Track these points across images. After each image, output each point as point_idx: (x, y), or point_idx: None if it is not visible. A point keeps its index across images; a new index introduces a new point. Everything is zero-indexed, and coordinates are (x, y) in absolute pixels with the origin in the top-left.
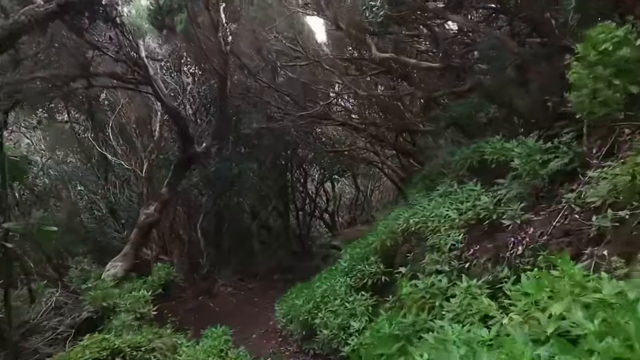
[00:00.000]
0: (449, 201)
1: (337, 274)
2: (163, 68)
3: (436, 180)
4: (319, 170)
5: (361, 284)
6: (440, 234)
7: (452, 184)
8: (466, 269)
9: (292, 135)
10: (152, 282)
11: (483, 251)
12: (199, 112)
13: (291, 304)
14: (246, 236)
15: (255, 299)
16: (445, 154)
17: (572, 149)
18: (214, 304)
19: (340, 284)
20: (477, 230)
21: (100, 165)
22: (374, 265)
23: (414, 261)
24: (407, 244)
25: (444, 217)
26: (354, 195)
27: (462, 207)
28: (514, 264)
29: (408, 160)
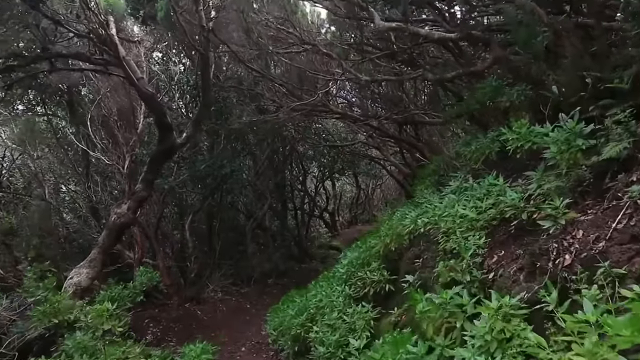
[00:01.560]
0: (464, 198)
1: (334, 282)
2: (148, 57)
3: (447, 175)
4: (318, 167)
5: (361, 293)
6: (456, 237)
7: (467, 179)
8: (490, 280)
9: (289, 131)
10: (133, 288)
11: (511, 259)
12: (190, 105)
13: (283, 314)
14: (240, 237)
15: (248, 305)
16: (458, 145)
17: (629, 129)
18: (202, 311)
19: (337, 293)
20: (501, 233)
21: (82, 160)
22: (376, 272)
23: (424, 268)
24: (414, 248)
25: (459, 217)
26: (355, 193)
27: (481, 204)
28: (559, 278)
29: (413, 156)
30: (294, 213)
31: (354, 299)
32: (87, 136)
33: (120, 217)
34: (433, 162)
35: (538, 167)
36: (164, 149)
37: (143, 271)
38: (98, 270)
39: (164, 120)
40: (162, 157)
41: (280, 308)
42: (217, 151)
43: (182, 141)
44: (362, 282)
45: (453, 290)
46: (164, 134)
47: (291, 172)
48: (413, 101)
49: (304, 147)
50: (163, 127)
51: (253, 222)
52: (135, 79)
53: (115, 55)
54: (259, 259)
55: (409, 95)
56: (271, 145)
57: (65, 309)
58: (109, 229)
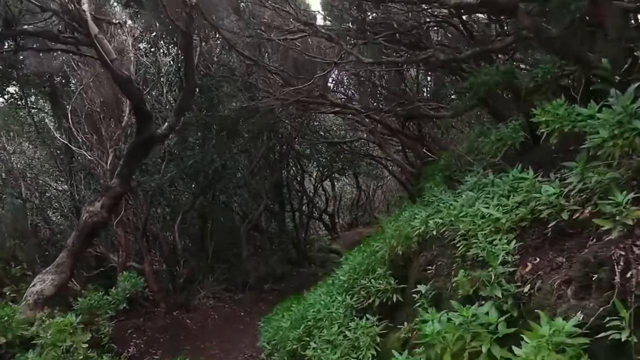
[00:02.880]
0: (484, 195)
1: (333, 290)
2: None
3: (459, 171)
4: (317, 167)
5: (365, 303)
6: (478, 241)
7: (486, 174)
8: (526, 295)
9: (285, 127)
10: (116, 294)
11: (550, 268)
12: None
13: (277, 325)
14: (234, 239)
15: (242, 313)
16: (471, 137)
17: None
18: (192, 320)
19: (338, 304)
20: (533, 236)
21: (65, 156)
22: (382, 280)
23: (437, 276)
24: (425, 253)
25: (480, 217)
26: (355, 195)
27: (507, 202)
28: (633, 296)
29: (416, 153)
30: (292, 214)
31: (357, 310)
32: (70, 130)
33: (93, 216)
34: (442, 157)
35: (578, 157)
36: (143, 140)
37: (127, 276)
38: (66, 277)
39: (142, 108)
40: (141, 150)
41: (274, 317)
42: (209, 146)
43: (163, 132)
44: (366, 291)
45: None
46: (143, 124)
47: (288, 171)
48: (417, 93)
49: (301, 145)
50: (141, 116)
51: (248, 223)
52: (108, 60)
53: (85, 33)
54: (254, 262)
55: (413, 88)
56: (267, 142)
57: (20, 323)
58: (79, 230)
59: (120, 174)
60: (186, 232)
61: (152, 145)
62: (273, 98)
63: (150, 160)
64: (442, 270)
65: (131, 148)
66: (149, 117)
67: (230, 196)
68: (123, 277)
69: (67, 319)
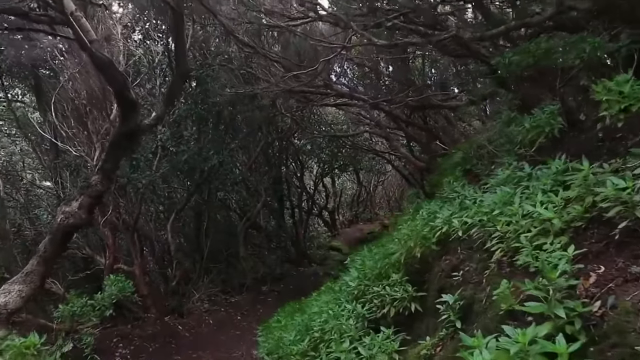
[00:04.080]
0: (521, 191)
1: (342, 297)
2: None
3: (481, 164)
4: (317, 163)
5: (379, 314)
6: (521, 244)
7: (521, 166)
8: (598, 316)
9: (285, 121)
10: (101, 300)
11: (623, 279)
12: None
13: (278, 336)
14: (231, 238)
15: (238, 317)
16: (498, 125)
17: None
18: (184, 326)
19: (348, 314)
20: (592, 239)
21: (50, 152)
22: (398, 286)
23: (465, 284)
24: (449, 257)
25: (522, 216)
26: (356, 191)
27: (555, 199)
28: None
29: (424, 146)
30: (291, 211)
31: (369, 321)
32: (53, 123)
33: (69, 218)
34: (459, 150)
35: None
36: (127, 131)
37: (113, 280)
38: (36, 287)
39: (126, 95)
40: (125, 142)
41: (274, 325)
42: (204, 141)
43: (150, 122)
44: (380, 299)
45: (533, 327)
46: (127, 113)
47: (287, 167)
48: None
49: (301, 140)
50: (125, 104)
51: (246, 221)
52: (87, 41)
53: (59, 10)
54: (252, 262)
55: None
56: (265, 137)
57: None
58: (52, 233)
59: (102, 169)
60: (180, 232)
61: (137, 137)
62: (274, 84)
63: (142, 155)
64: (470, 277)
65: (114, 140)
66: (134, 106)
67: (227, 193)
68: (110, 281)
69: (29, 340)
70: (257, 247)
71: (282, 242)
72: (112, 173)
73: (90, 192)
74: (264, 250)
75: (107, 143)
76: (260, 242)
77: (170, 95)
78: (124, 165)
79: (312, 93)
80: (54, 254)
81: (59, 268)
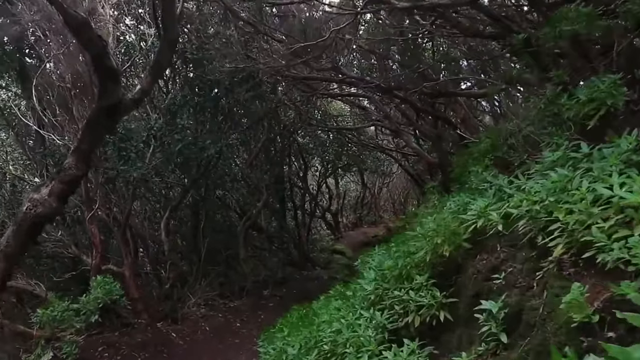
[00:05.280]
0: (581, 174)
1: (356, 302)
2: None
3: (514, 150)
4: (321, 162)
5: (401, 323)
6: (594, 238)
7: (575, 146)
8: None
9: (289, 117)
10: (86, 304)
11: None
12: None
13: (281, 347)
14: (230, 239)
15: (238, 324)
16: (543, 102)
17: None
18: (178, 333)
19: (364, 323)
20: None
21: (35, 141)
22: (424, 291)
23: (509, 288)
24: (486, 255)
25: (593, 202)
26: (360, 193)
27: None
28: None
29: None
30: (294, 212)
31: (391, 332)
32: (39, 110)
33: (37, 206)
34: (485, 137)
35: None
36: (107, 107)
37: (100, 282)
38: None
39: (106, 62)
40: (105, 120)
41: (277, 335)
42: (201, 132)
43: (135, 96)
44: (402, 306)
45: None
46: (107, 84)
47: (290, 166)
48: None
49: (304, 137)
50: (104, 74)
51: (246, 221)
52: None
53: None
54: (252, 265)
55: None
56: (267, 133)
57: None
58: (17, 224)
59: (77, 150)
60: (177, 231)
61: (119, 114)
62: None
63: (132, 145)
64: (515, 281)
65: (92, 117)
66: (115, 75)
67: (227, 191)
68: (96, 283)
69: None
70: (257, 248)
71: (284, 244)
72: (88, 155)
73: (63, 177)
74: (265, 252)
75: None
76: (261, 243)
77: (157, 65)
78: (112, 156)
79: (318, 80)
80: (19, 249)
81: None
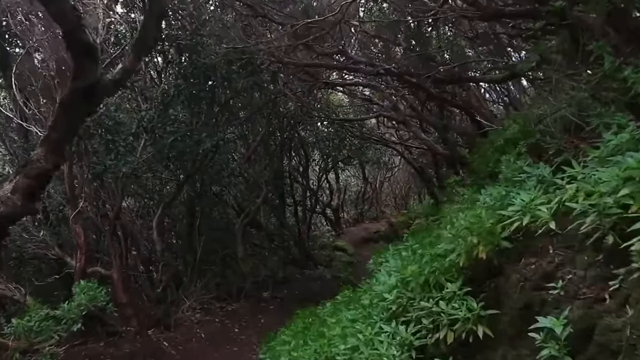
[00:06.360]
0: None
1: (373, 312)
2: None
3: (550, 137)
4: (321, 156)
5: (431, 340)
6: None
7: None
8: None
9: (289, 109)
10: (67, 311)
11: None
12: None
13: None
14: (228, 237)
15: (236, 329)
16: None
17: None
18: (171, 341)
19: (386, 339)
20: None
21: (18, 136)
22: (457, 301)
23: (572, 299)
24: (536, 260)
25: None
26: (361, 187)
27: None
28: None
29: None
30: (294, 208)
31: (417, 349)
32: (16, 101)
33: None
34: (514, 122)
35: None
36: (82, 88)
37: (83, 287)
38: None
39: (80, 37)
40: (80, 103)
41: (279, 347)
42: (196, 124)
43: (115, 76)
44: (431, 319)
45: None
46: (82, 63)
47: (290, 160)
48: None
49: (305, 130)
50: (79, 50)
51: (245, 218)
52: None
53: None
54: (251, 264)
55: None
56: (266, 126)
57: None
58: None
59: (48, 140)
60: (170, 229)
61: (96, 96)
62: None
63: (120, 137)
64: (577, 290)
65: (65, 100)
66: (91, 51)
67: (224, 186)
68: (79, 288)
69: None
70: (257, 247)
71: (285, 241)
72: (61, 145)
73: (29, 171)
74: (264, 250)
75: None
76: (261, 241)
77: (141, 41)
78: (99, 149)
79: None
80: None
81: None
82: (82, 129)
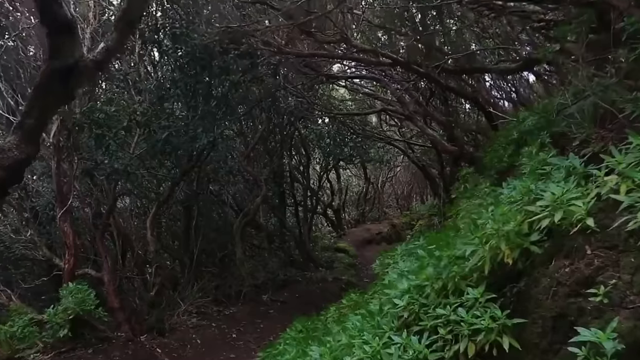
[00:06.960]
0: None
1: (382, 322)
2: None
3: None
4: (322, 155)
5: (449, 352)
6: None
7: None
8: None
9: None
10: (54, 316)
11: None
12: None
13: None
14: (226, 238)
15: (234, 335)
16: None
17: None
18: (164, 347)
19: (396, 352)
20: None
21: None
22: (479, 309)
23: (619, 308)
24: (570, 262)
25: None
26: (363, 188)
27: None
28: None
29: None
30: (295, 208)
31: None
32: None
33: None
34: (531, 114)
35: None
36: (59, 69)
37: (72, 289)
38: None
39: (56, 11)
40: (57, 85)
41: (281, 358)
42: (193, 119)
43: (97, 57)
44: (449, 329)
45: None
46: (58, 39)
47: (290, 158)
48: None
49: (306, 128)
50: (55, 26)
51: (243, 218)
52: None
53: None
54: (250, 266)
55: None
56: (266, 123)
57: None
58: None
59: (21, 127)
60: (165, 229)
61: (75, 79)
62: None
63: (111, 132)
64: (624, 298)
65: (40, 83)
66: (69, 28)
67: (222, 185)
68: (66, 291)
69: None
70: (256, 248)
71: (285, 242)
72: (36, 132)
73: (1, 161)
74: (264, 252)
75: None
76: (260, 242)
77: (125, 18)
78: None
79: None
80: None
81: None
82: (72, 121)
